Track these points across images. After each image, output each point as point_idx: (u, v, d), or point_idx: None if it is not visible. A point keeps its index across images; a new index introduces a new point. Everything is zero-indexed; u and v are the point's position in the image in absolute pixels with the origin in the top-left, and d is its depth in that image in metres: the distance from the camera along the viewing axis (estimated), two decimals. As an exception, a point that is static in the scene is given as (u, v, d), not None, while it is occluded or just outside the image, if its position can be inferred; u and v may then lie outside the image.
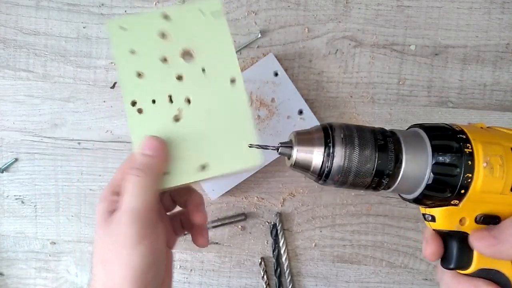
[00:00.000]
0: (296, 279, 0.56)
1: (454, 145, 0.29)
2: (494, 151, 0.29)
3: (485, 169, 0.29)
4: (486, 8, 0.51)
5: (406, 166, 0.29)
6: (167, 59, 0.39)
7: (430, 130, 0.30)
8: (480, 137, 0.29)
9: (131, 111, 0.39)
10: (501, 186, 0.29)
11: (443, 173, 0.29)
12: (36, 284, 0.58)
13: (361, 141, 0.29)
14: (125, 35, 0.39)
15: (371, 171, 0.29)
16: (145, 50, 0.39)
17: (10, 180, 0.57)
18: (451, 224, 0.31)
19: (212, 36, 0.39)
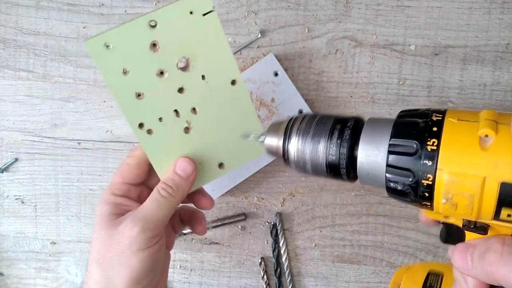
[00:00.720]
0: (296, 279, 0.56)
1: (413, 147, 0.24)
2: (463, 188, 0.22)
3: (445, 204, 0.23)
4: (486, 8, 0.51)
5: (361, 161, 0.27)
6: (163, 72, 0.36)
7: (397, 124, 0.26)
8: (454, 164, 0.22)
9: (141, 134, 0.37)
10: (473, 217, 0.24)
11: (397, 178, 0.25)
12: (36, 284, 0.58)
13: (315, 133, 0.29)
14: (111, 55, 0.34)
15: (324, 158, 0.29)
16: (138, 67, 0.35)
17: (10, 180, 0.57)
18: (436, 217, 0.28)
19: (205, 38, 0.36)
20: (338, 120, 0.29)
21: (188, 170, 0.37)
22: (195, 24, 0.35)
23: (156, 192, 0.36)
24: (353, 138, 0.28)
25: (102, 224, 0.35)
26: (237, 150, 0.39)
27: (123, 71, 0.35)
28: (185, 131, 0.38)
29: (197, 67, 0.37)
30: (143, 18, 0.34)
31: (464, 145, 0.23)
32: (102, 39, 0.34)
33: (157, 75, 0.36)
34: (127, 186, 0.38)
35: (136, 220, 0.34)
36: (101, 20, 0.54)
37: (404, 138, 0.25)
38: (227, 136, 0.39)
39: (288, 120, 0.32)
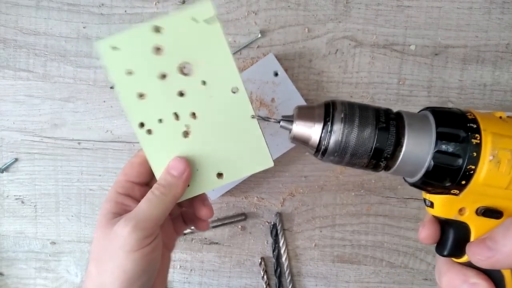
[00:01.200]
0: (296, 279, 0.56)
1: (461, 134, 0.28)
2: (505, 144, 0.27)
3: (491, 162, 0.27)
4: (486, 8, 0.51)
5: (406, 150, 0.28)
6: (165, 75, 0.37)
7: (439, 115, 0.29)
8: (493, 128, 0.28)
9: (141, 133, 0.38)
10: (507, 181, 0.27)
11: (444, 163, 0.28)
12: (36, 284, 0.58)
13: (361, 121, 0.29)
14: (118, 56, 0.37)
15: (369, 152, 0.28)
16: (142, 69, 0.37)
17: (10, 180, 0.57)
18: (449, 213, 0.30)
19: (208, 45, 0.37)
20: (379, 110, 0.29)
21: (179, 169, 0.36)
22: (198, 31, 0.37)
23: (150, 192, 0.36)
24: (398, 128, 0.29)
25: (101, 223, 0.35)
26: (238, 161, 0.38)
27: (128, 72, 0.37)
28: (184, 135, 0.38)
29: (198, 72, 0.37)
30: (149, 24, 0.36)
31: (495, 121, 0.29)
32: (111, 41, 0.36)
33: (159, 78, 0.37)
34: (130, 184, 0.38)
35: (128, 219, 0.34)
36: (101, 20, 0.54)
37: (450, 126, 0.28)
38: (227, 145, 0.38)
39: (324, 106, 0.30)
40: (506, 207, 0.29)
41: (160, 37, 0.37)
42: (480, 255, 0.28)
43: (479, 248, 0.29)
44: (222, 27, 0.36)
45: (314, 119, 0.30)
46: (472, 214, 0.29)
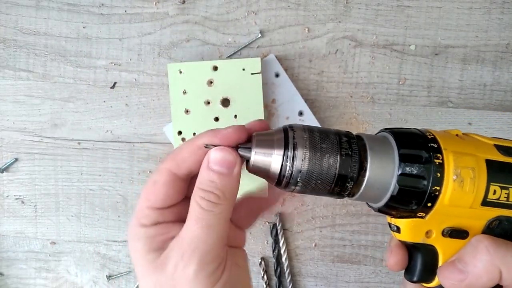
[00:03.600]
0: (296, 279, 0.56)
1: (423, 155, 0.27)
2: (467, 162, 0.27)
3: (455, 182, 0.26)
4: (486, 8, 0.51)
5: (370, 175, 0.27)
6: (210, 102, 0.50)
7: (400, 137, 0.28)
8: (452, 147, 0.27)
9: (177, 139, 0.50)
10: (471, 200, 0.27)
11: (409, 185, 0.27)
12: (36, 284, 0.58)
13: (323, 145, 0.27)
14: (181, 78, 0.50)
15: (333, 178, 0.27)
16: (194, 92, 0.50)
17: (10, 180, 0.57)
18: (417, 237, 0.29)
19: (247, 89, 0.49)
20: (340, 134, 0.28)
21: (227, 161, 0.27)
22: (243, 77, 0.49)
23: (197, 206, 0.27)
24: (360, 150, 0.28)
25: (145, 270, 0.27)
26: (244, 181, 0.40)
27: (183, 91, 0.50)
28: None
29: (234, 107, 0.49)
30: (211, 62, 0.50)
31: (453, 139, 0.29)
32: (180, 67, 0.50)
33: (205, 103, 0.50)
34: (157, 212, 0.29)
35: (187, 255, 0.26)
36: (101, 20, 0.54)
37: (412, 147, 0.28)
38: None
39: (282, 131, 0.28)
40: (472, 226, 0.28)
41: (215, 73, 0.50)
42: (452, 279, 0.28)
43: (449, 271, 0.28)
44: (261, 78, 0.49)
45: (274, 145, 0.27)
46: (439, 236, 0.29)
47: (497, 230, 0.28)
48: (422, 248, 0.30)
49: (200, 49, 0.53)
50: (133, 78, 0.54)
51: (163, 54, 0.54)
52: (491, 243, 0.27)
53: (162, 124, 0.54)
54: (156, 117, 0.55)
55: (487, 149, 0.28)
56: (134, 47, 0.54)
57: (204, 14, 0.53)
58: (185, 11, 0.53)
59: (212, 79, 0.50)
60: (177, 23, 0.53)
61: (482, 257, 0.27)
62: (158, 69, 0.54)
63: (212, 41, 0.53)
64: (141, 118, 0.55)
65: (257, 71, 0.49)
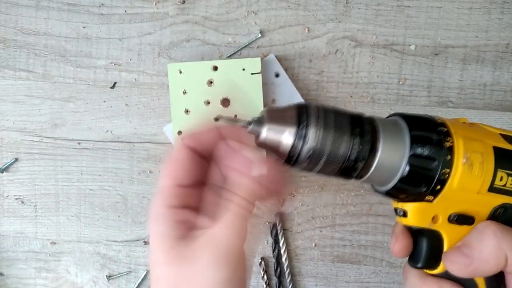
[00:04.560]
0: (296, 279, 0.56)
1: (434, 137, 0.27)
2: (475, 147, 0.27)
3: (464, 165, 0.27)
4: (486, 8, 0.51)
5: (382, 155, 0.27)
6: (209, 102, 0.50)
7: (411, 120, 0.28)
8: (462, 132, 0.28)
9: (177, 139, 0.51)
10: (479, 185, 0.27)
11: (420, 166, 0.27)
12: (36, 284, 0.58)
13: (336, 124, 0.27)
14: (181, 78, 0.50)
15: (345, 156, 0.27)
16: (194, 92, 0.50)
17: (10, 180, 0.57)
18: (423, 221, 0.29)
19: (247, 89, 0.49)
20: (353, 115, 0.28)
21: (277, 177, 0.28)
22: (243, 77, 0.49)
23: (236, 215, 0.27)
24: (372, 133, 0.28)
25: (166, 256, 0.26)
26: None
27: (183, 91, 0.50)
28: None
29: (233, 107, 0.50)
30: (211, 62, 0.50)
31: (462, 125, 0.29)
32: (180, 67, 0.50)
33: (205, 103, 0.50)
34: (183, 190, 0.28)
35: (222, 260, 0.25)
36: (101, 20, 0.54)
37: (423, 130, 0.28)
38: None
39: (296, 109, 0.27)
40: (477, 212, 0.29)
41: (215, 74, 0.50)
42: (458, 264, 0.28)
43: (456, 256, 0.28)
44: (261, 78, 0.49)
45: (287, 122, 0.27)
46: (445, 222, 0.29)
47: (502, 218, 0.29)
48: (428, 233, 0.30)
49: (200, 49, 0.53)
50: (133, 78, 0.54)
51: (163, 54, 0.54)
52: (498, 228, 0.27)
53: (162, 124, 0.54)
54: (156, 117, 0.55)
55: (494, 137, 0.29)
56: (134, 47, 0.54)
57: (204, 14, 0.53)
58: (185, 11, 0.53)
59: (212, 79, 0.50)
60: (177, 23, 0.53)
61: (488, 242, 0.27)
62: (158, 69, 0.54)
63: (212, 41, 0.53)
64: (141, 118, 0.55)
65: (257, 71, 0.49)
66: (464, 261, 0.27)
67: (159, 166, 0.55)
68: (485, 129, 0.30)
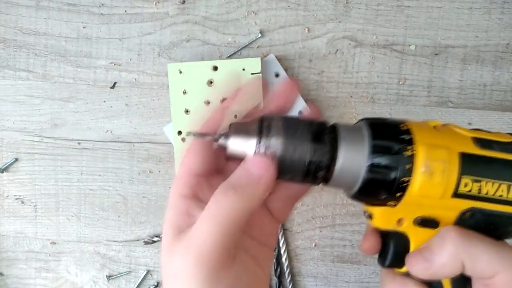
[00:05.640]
0: (296, 279, 0.56)
1: (394, 146, 0.27)
2: (438, 155, 0.27)
3: (424, 174, 0.27)
4: (486, 8, 0.51)
5: (341, 164, 0.28)
6: (210, 102, 0.50)
7: (374, 128, 0.29)
8: (426, 139, 0.28)
9: (177, 139, 0.51)
10: (441, 191, 0.27)
11: (378, 175, 0.27)
12: (36, 284, 0.58)
13: (296, 133, 0.28)
14: (181, 78, 0.50)
15: (304, 165, 0.28)
16: (195, 92, 0.50)
17: (10, 180, 0.57)
18: (388, 224, 0.30)
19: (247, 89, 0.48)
20: (313, 123, 0.29)
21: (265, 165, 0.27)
22: (243, 78, 0.50)
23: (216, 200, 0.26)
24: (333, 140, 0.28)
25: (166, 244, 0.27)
26: None
27: (183, 91, 0.50)
28: None
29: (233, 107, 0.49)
30: (211, 62, 0.50)
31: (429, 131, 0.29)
32: (180, 66, 0.50)
33: (205, 103, 0.50)
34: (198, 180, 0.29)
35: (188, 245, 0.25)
36: (101, 20, 0.54)
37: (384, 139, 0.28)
38: None
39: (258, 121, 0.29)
40: (442, 216, 0.29)
41: (215, 73, 0.50)
42: (417, 267, 0.28)
43: (416, 259, 0.29)
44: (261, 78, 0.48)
45: (249, 133, 0.28)
46: (410, 224, 0.29)
47: (470, 221, 0.29)
48: (394, 235, 0.30)
49: (200, 49, 0.53)
50: (133, 78, 0.54)
51: (163, 54, 0.54)
52: (458, 235, 0.28)
53: (162, 124, 0.54)
54: (156, 117, 0.55)
55: (463, 142, 0.28)
56: (134, 47, 0.54)
57: (204, 14, 0.53)
58: (185, 11, 0.53)
59: (212, 79, 0.50)
60: (177, 23, 0.53)
61: (447, 248, 0.27)
62: (158, 69, 0.54)
63: (212, 41, 0.53)
64: (141, 118, 0.55)
65: (257, 71, 0.50)
66: (423, 265, 0.28)
67: (159, 166, 0.55)
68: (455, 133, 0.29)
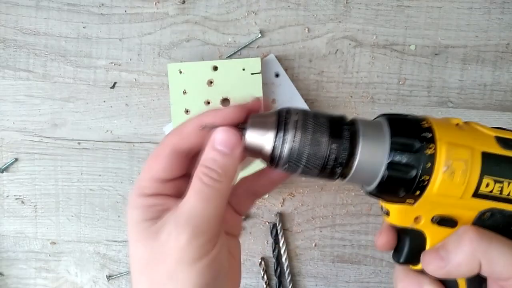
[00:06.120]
0: (296, 279, 0.56)
1: (415, 144, 0.27)
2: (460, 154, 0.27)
3: (445, 173, 0.26)
4: (486, 8, 0.51)
5: (360, 160, 0.27)
6: (209, 102, 0.50)
7: (394, 124, 0.28)
8: (448, 137, 0.27)
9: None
10: (461, 191, 0.27)
11: (398, 173, 0.27)
12: (36, 284, 0.58)
13: (315, 128, 0.27)
14: (181, 78, 0.50)
15: (322, 160, 0.27)
16: (194, 92, 0.50)
17: (10, 180, 0.57)
18: (405, 221, 0.29)
19: (247, 90, 0.49)
20: (333, 117, 0.29)
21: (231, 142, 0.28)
22: (243, 77, 0.50)
23: (198, 181, 0.27)
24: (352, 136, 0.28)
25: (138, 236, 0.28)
26: None
27: (183, 91, 0.50)
28: None
29: None
30: (211, 62, 0.50)
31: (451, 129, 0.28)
32: (180, 66, 0.50)
33: (205, 103, 0.50)
34: (159, 184, 0.30)
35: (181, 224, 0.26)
36: (101, 20, 0.54)
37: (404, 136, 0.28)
38: None
39: (276, 114, 0.29)
40: (461, 215, 0.28)
41: (215, 73, 0.50)
42: (432, 265, 0.28)
43: (432, 257, 0.28)
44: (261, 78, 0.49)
45: (267, 126, 0.28)
46: (428, 222, 0.29)
47: (489, 221, 0.28)
48: (411, 232, 0.30)
49: (200, 49, 0.53)
50: (133, 78, 0.54)
51: (163, 54, 0.54)
52: (476, 235, 0.27)
53: (162, 124, 0.54)
54: (156, 117, 0.55)
55: (485, 141, 0.28)
56: (134, 47, 0.54)
57: (204, 14, 0.53)
58: (185, 11, 0.53)
59: (212, 79, 0.50)
60: (177, 23, 0.53)
61: (464, 248, 0.27)
62: (158, 69, 0.54)
63: (212, 41, 0.53)
64: (141, 118, 0.55)
65: (257, 71, 0.50)
66: (439, 264, 0.28)
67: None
68: (478, 132, 0.29)
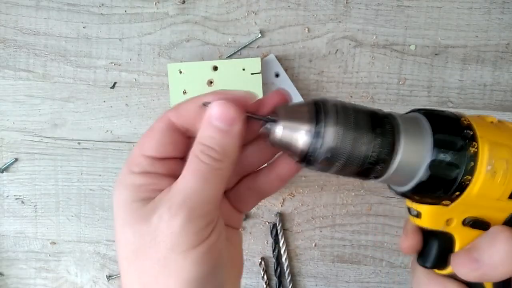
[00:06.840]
0: (296, 279, 0.56)
1: (458, 142, 0.25)
2: (501, 154, 0.25)
3: (487, 173, 0.25)
4: (486, 8, 0.51)
5: (402, 157, 0.25)
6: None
7: (435, 120, 0.26)
8: (488, 135, 0.26)
9: None
10: (500, 192, 0.26)
11: (440, 172, 0.25)
12: (36, 284, 0.58)
13: (357, 123, 0.25)
14: (181, 78, 0.51)
15: (365, 158, 0.25)
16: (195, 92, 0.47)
17: (10, 180, 0.57)
18: (437, 224, 0.28)
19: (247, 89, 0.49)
20: (373, 112, 0.26)
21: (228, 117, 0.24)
22: (243, 77, 0.50)
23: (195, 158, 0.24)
24: (393, 133, 0.26)
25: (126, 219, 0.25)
26: None
27: (183, 91, 0.51)
28: None
29: None
30: (211, 62, 0.50)
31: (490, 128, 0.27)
32: (180, 66, 0.51)
33: None
34: (149, 161, 0.26)
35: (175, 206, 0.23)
36: (101, 20, 0.54)
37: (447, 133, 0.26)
38: None
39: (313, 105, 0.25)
40: (495, 218, 0.27)
41: (215, 73, 0.50)
42: (466, 267, 0.27)
43: (464, 260, 0.27)
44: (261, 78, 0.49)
45: (303, 120, 0.25)
46: (459, 225, 0.28)
47: None
48: (440, 235, 0.28)
49: (200, 49, 0.53)
50: (133, 78, 0.54)
51: (163, 54, 0.54)
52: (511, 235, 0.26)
53: (162, 124, 0.54)
54: (156, 117, 0.54)
55: None
56: (134, 47, 0.54)
57: (204, 14, 0.53)
58: (185, 11, 0.53)
59: (212, 79, 0.50)
60: (177, 23, 0.53)
61: (500, 247, 0.26)
62: (158, 69, 0.54)
63: (212, 41, 0.53)
64: (141, 118, 0.55)
65: (257, 71, 0.50)
66: (472, 266, 0.26)
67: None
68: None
